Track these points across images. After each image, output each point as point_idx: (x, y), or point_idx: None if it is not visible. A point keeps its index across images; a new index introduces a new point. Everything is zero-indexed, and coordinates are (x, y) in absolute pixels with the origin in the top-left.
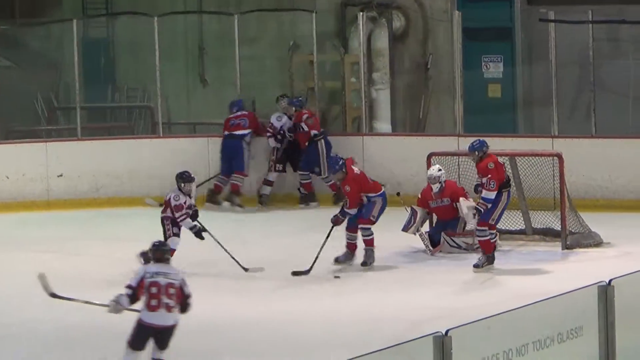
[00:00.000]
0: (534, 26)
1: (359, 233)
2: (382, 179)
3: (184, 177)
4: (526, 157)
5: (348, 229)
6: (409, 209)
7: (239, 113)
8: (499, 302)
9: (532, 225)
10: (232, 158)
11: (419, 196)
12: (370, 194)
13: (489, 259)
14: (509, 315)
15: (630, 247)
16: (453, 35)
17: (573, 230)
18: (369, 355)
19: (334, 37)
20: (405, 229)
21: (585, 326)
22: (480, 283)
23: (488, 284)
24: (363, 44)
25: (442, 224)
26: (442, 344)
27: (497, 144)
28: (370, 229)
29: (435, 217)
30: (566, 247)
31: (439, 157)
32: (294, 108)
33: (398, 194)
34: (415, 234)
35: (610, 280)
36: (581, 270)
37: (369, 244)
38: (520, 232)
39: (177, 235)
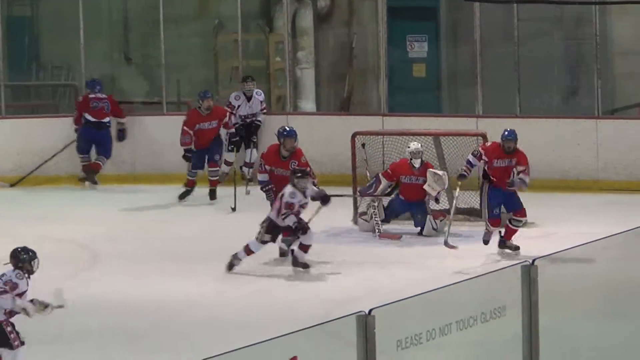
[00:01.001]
0: (458, 5)
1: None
2: (307, 157)
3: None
4: (451, 137)
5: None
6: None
7: (100, 95)
8: (424, 282)
9: (457, 205)
10: (98, 145)
11: (389, 171)
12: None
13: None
14: (432, 295)
15: (553, 227)
16: (378, 14)
17: (472, 209)
18: (291, 334)
19: (258, 17)
20: (363, 194)
21: (508, 306)
22: (406, 264)
23: (413, 265)
24: (288, 24)
25: (408, 205)
26: (365, 323)
27: (421, 124)
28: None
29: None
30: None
31: (364, 135)
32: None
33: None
34: (374, 206)
35: (533, 260)
36: (505, 250)
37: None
38: (445, 211)
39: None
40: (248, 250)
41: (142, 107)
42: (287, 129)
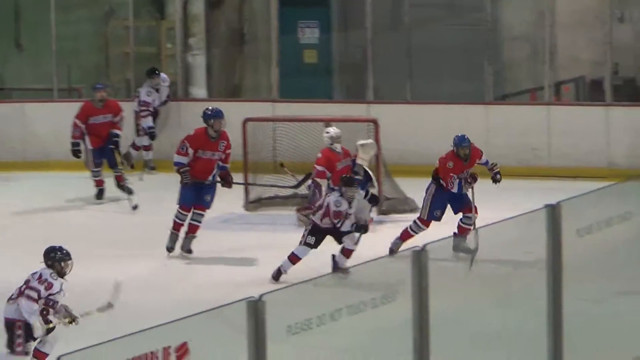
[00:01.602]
0: None
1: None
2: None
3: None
4: (342, 123)
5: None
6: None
7: None
8: (318, 268)
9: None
10: None
11: (318, 167)
12: None
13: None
14: (323, 281)
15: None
16: (269, 1)
17: (388, 196)
18: (182, 320)
19: (149, 3)
20: (312, 204)
21: (399, 291)
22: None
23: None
24: (179, 10)
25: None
26: (255, 308)
27: (313, 110)
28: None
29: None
30: (381, 212)
31: (255, 122)
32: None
33: (282, 164)
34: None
35: (424, 245)
36: (396, 235)
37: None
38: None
39: None
40: (294, 258)
41: (32, 93)
42: (215, 109)
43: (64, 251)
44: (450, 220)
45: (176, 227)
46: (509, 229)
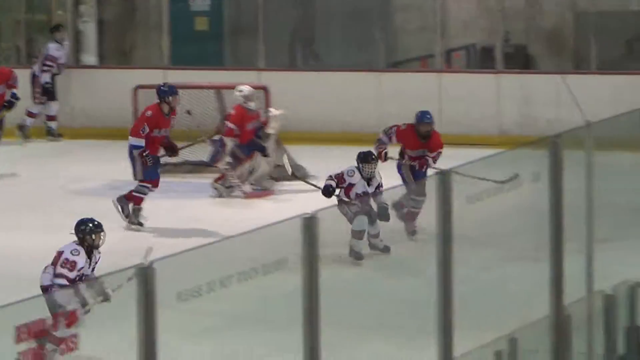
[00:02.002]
0: None
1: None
2: (89, 111)
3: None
4: (233, 89)
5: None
6: (208, 141)
7: None
8: (210, 234)
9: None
10: None
11: (229, 125)
12: None
13: None
14: (213, 248)
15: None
16: None
17: (279, 164)
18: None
19: None
20: (214, 161)
21: (290, 258)
22: (195, 219)
23: (201, 217)
24: None
25: (248, 148)
26: (145, 275)
27: (204, 76)
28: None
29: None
30: (272, 178)
31: (146, 89)
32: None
33: (188, 112)
34: (227, 167)
35: (315, 212)
36: (287, 202)
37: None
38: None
39: None
40: (357, 234)
41: None
42: (171, 85)
43: (95, 223)
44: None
45: (139, 201)
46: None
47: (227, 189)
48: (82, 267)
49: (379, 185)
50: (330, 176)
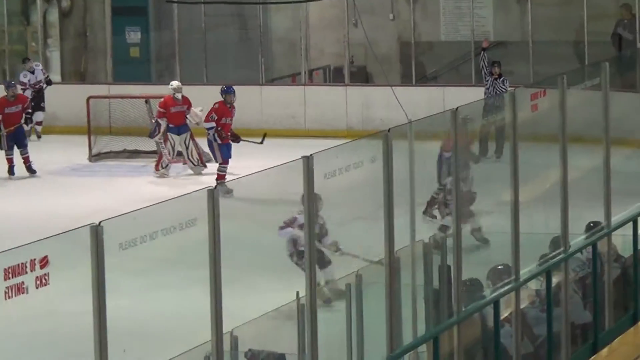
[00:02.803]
0: (162, 5)
1: None
2: (53, 119)
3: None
4: (157, 98)
5: None
6: (154, 120)
7: None
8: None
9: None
10: None
11: (159, 109)
12: None
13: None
14: (146, 210)
15: (231, 162)
16: (105, 12)
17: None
18: (44, 239)
19: (19, 13)
20: (152, 135)
21: (198, 218)
22: (132, 192)
23: (132, 190)
24: (40, 18)
25: (177, 129)
26: (96, 231)
27: (136, 90)
28: None
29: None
30: (185, 163)
31: (95, 99)
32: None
33: (146, 101)
34: (160, 140)
35: (216, 185)
36: (197, 178)
37: None
38: (153, 152)
39: None
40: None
41: None
42: (229, 86)
43: None
44: (236, 168)
45: (223, 177)
46: (277, 174)
47: (165, 169)
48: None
49: None
50: None
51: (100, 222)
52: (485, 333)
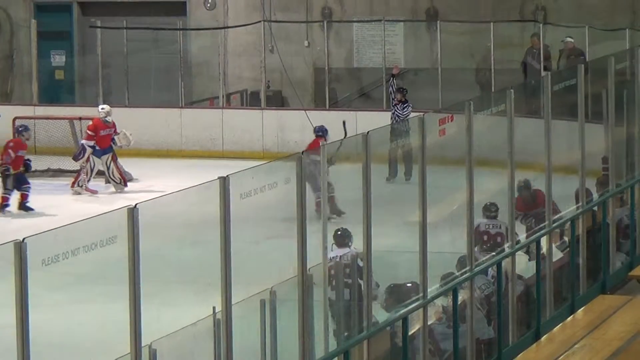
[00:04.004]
0: (86, 30)
1: None
2: None
3: None
4: (83, 120)
5: None
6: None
7: None
8: (64, 219)
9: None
10: None
11: (89, 133)
12: None
13: None
14: (67, 228)
15: (151, 182)
16: (30, 36)
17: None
18: None
19: None
20: (77, 158)
21: (119, 235)
22: (56, 208)
23: (55, 208)
24: None
25: (102, 151)
26: (20, 247)
27: (61, 111)
28: None
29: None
30: (107, 182)
31: (21, 119)
32: None
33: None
34: (84, 163)
35: (135, 204)
36: (119, 196)
37: None
38: (77, 171)
39: None
40: None
41: None
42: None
43: None
44: (158, 187)
45: None
46: (193, 195)
47: (81, 187)
48: None
49: None
50: None
51: (23, 239)
52: (395, 348)
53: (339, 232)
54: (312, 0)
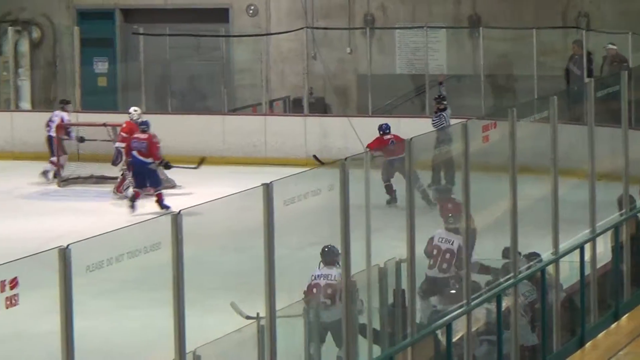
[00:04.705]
0: (129, 36)
1: None
2: (26, 140)
3: None
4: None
5: None
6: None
7: None
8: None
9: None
10: None
11: (123, 134)
12: None
13: None
14: (113, 234)
15: (194, 189)
16: (73, 43)
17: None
18: (14, 261)
19: None
20: (115, 163)
21: (162, 242)
22: (99, 214)
23: (100, 214)
24: (11, 49)
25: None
26: (64, 254)
27: (103, 118)
28: None
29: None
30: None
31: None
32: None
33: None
34: (124, 166)
35: (179, 211)
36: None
37: None
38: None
39: None
40: None
41: None
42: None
43: None
44: (200, 194)
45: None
46: (236, 201)
47: (125, 192)
48: None
49: None
50: None
51: (68, 245)
52: (439, 354)
53: (327, 249)
54: (355, 7)
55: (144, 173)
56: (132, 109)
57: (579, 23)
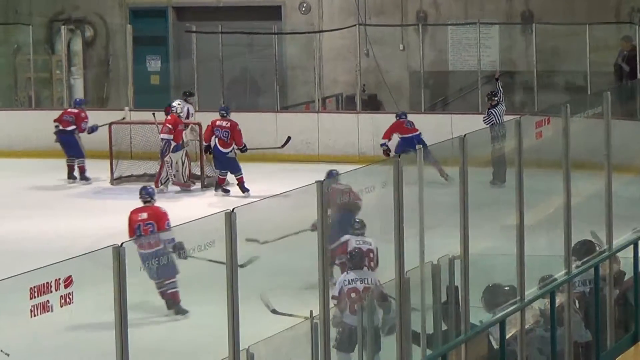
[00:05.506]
0: (181, 34)
1: None
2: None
3: None
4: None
5: None
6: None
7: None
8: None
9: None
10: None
11: (169, 126)
12: None
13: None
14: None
15: (247, 186)
16: (126, 41)
17: (208, 175)
18: (68, 260)
19: (44, 42)
20: (164, 155)
21: (216, 240)
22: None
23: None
24: (64, 48)
25: (177, 146)
26: (118, 252)
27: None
28: None
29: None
30: (204, 186)
31: (117, 125)
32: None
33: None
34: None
35: (233, 209)
36: (216, 200)
37: None
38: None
39: None
40: None
41: None
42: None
43: None
44: (255, 191)
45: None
46: (289, 199)
47: (165, 185)
48: None
49: None
50: None
51: (122, 244)
52: (492, 351)
53: (355, 252)
54: (407, 4)
55: (224, 162)
56: (175, 102)
57: (632, 18)
